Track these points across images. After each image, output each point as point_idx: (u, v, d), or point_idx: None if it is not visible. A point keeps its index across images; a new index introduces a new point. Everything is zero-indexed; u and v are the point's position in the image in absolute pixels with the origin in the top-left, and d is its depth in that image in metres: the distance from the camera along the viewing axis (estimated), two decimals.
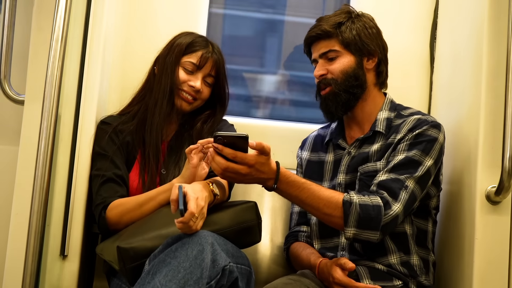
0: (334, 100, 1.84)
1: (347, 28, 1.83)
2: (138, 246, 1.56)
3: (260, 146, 1.56)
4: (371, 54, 1.85)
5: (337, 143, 1.91)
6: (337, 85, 1.83)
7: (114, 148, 1.84)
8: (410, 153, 1.72)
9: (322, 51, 1.85)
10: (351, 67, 1.83)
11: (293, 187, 1.64)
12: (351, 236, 1.65)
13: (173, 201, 1.52)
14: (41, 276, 1.69)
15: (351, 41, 1.83)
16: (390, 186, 1.67)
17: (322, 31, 1.84)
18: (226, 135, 1.56)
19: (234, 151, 1.55)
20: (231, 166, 1.56)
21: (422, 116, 1.80)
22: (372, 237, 1.65)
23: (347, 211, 1.63)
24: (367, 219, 1.63)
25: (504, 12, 1.71)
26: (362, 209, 1.63)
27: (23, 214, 1.65)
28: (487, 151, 1.73)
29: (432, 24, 2.28)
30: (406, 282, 1.73)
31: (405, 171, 1.70)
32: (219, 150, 1.55)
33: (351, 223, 1.63)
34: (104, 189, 1.78)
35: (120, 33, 2.12)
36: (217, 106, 1.96)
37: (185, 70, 1.87)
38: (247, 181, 1.61)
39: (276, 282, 1.70)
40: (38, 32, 1.74)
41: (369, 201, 1.64)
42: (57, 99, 1.65)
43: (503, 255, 1.70)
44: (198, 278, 1.43)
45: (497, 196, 1.68)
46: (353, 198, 1.64)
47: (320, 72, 1.85)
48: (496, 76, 1.74)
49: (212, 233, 1.53)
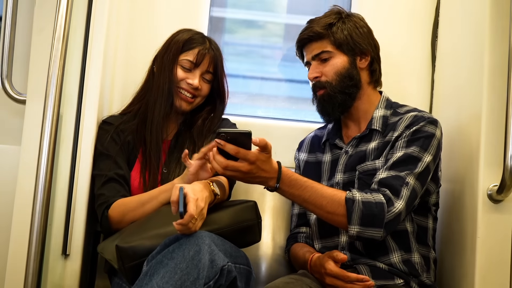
0: (330, 102, 1.84)
1: (338, 29, 1.84)
2: (137, 245, 1.56)
3: (264, 142, 1.56)
4: (363, 53, 1.86)
5: (334, 143, 1.91)
6: (332, 87, 1.83)
7: (116, 148, 1.84)
8: (409, 149, 1.72)
9: (314, 52, 1.86)
10: (345, 67, 1.84)
11: (295, 186, 1.64)
12: (355, 234, 1.64)
13: (174, 202, 1.52)
14: (43, 275, 1.69)
15: (343, 41, 1.83)
16: (391, 183, 1.67)
17: (314, 33, 1.85)
18: (229, 131, 1.56)
19: (236, 147, 1.55)
20: (231, 164, 1.56)
21: (418, 113, 1.80)
22: (376, 235, 1.64)
23: (350, 208, 1.62)
24: (370, 216, 1.62)
25: (505, 10, 1.71)
26: (365, 206, 1.62)
27: (25, 213, 1.65)
28: (489, 150, 1.73)
29: (433, 22, 2.28)
30: (408, 281, 1.73)
31: (405, 168, 1.69)
32: (221, 146, 1.55)
33: (354, 220, 1.63)
34: (107, 189, 1.78)
35: (122, 31, 2.12)
36: (217, 102, 1.96)
37: (183, 68, 1.87)
38: (249, 179, 1.60)
39: (277, 282, 1.70)
40: (40, 32, 1.75)
41: (371, 198, 1.64)
42: (59, 98, 1.65)
43: (505, 254, 1.69)
44: (195, 278, 1.43)
45: (499, 195, 1.68)
46: (355, 195, 1.64)
47: (314, 75, 1.86)
48: (498, 75, 1.73)
49: (209, 233, 1.53)
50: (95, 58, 1.82)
